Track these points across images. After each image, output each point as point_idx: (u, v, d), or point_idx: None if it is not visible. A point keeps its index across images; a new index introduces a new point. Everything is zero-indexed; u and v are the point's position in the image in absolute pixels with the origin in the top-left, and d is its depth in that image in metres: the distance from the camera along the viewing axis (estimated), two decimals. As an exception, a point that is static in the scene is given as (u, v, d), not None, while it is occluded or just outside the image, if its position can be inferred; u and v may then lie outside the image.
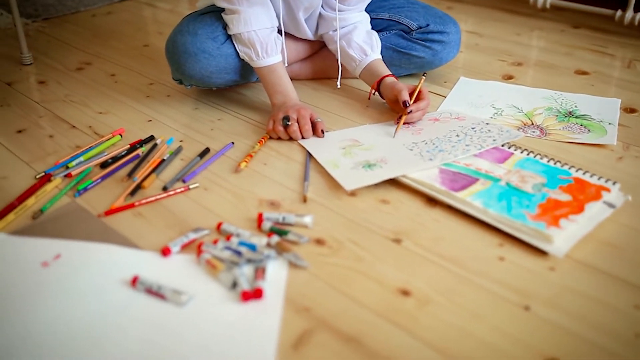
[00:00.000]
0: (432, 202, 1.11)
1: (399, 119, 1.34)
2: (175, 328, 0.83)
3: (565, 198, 1.07)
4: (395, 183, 1.16)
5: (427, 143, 1.27)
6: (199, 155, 1.28)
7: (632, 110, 1.47)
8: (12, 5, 1.86)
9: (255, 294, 0.88)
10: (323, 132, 1.33)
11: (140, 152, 1.31)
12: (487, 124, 1.34)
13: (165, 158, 1.27)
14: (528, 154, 1.22)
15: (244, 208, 1.11)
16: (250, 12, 1.36)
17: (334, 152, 1.27)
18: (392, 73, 1.45)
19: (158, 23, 2.39)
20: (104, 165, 1.25)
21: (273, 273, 0.93)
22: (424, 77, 1.40)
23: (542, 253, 0.97)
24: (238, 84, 1.57)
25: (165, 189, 1.16)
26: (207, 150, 1.31)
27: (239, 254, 0.96)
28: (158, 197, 1.13)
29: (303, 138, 1.33)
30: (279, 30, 1.44)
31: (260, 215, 1.05)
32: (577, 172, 1.15)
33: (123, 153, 1.30)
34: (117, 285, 0.91)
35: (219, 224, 1.04)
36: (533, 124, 1.39)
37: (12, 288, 0.90)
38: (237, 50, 1.42)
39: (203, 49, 1.40)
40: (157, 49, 2.00)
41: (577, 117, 1.43)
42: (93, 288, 0.90)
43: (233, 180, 1.20)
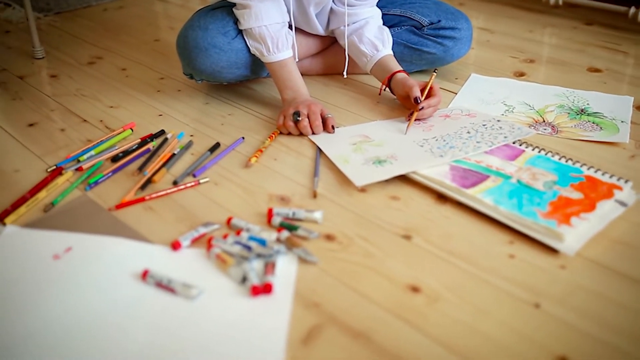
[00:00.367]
0: (442, 198, 1.11)
1: (411, 115, 1.34)
2: (185, 322, 0.84)
3: (577, 196, 1.06)
4: (406, 179, 1.15)
5: (437, 139, 1.27)
6: (210, 150, 1.28)
7: (644, 108, 1.46)
8: (24, 0, 1.86)
9: (265, 289, 0.88)
10: (333, 127, 1.33)
11: (151, 146, 1.31)
12: (498, 121, 1.34)
13: (176, 152, 1.27)
14: (539, 152, 1.21)
15: (254, 203, 1.11)
16: (261, 7, 1.35)
17: (345, 147, 1.27)
18: (403, 69, 1.44)
19: (169, 18, 2.39)
20: (115, 159, 1.26)
21: (283, 268, 0.93)
22: (435, 73, 1.40)
23: (552, 251, 0.96)
24: (249, 79, 1.57)
25: (176, 183, 1.16)
26: (217, 145, 1.31)
27: (249, 249, 0.96)
28: (168, 191, 1.14)
29: (313, 134, 1.33)
30: (290, 26, 1.44)
31: (270, 211, 1.05)
32: (588, 170, 1.14)
33: (134, 147, 1.30)
34: (127, 279, 0.91)
35: (229, 219, 1.04)
36: (544, 122, 1.39)
37: (23, 280, 0.90)
38: (247, 45, 1.42)
39: (214, 44, 1.40)
40: (168, 44, 2.01)
41: (589, 114, 1.42)
42: (104, 281, 0.91)
43: (243, 175, 1.20)
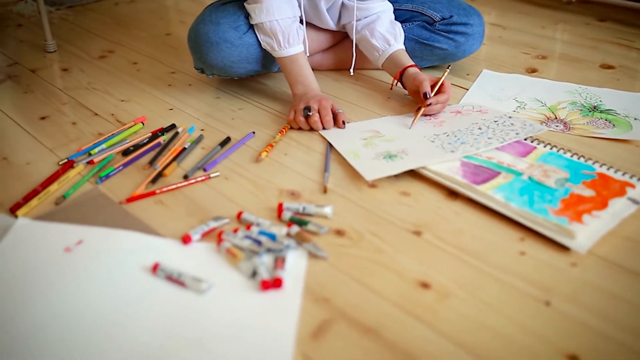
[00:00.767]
0: (453, 194, 1.10)
1: (417, 110, 1.34)
2: (195, 315, 0.84)
3: (589, 193, 1.06)
4: (416, 175, 1.15)
5: (448, 135, 1.26)
6: (220, 144, 1.28)
7: (658, 106, 1.44)
8: (36, -7, 1.87)
9: (275, 284, 0.88)
10: (344, 122, 1.33)
11: (162, 140, 1.31)
12: (509, 117, 1.33)
13: (187, 146, 1.27)
14: (551, 148, 1.20)
15: (264, 198, 1.11)
16: (272, 1, 1.35)
17: (355, 143, 1.27)
18: (415, 64, 1.44)
19: (180, 12, 2.39)
20: (126, 153, 1.26)
21: (293, 263, 0.93)
22: (448, 69, 1.39)
23: (563, 248, 0.96)
24: (259, 74, 1.57)
25: (186, 178, 1.17)
26: (228, 140, 1.31)
27: (259, 243, 0.96)
28: (179, 185, 1.14)
29: (324, 129, 1.33)
30: (301, 20, 1.44)
31: (281, 205, 1.05)
32: (601, 167, 1.14)
33: (145, 141, 1.30)
34: (138, 272, 0.91)
35: (239, 213, 1.04)
36: (556, 118, 1.38)
37: (35, 272, 0.91)
38: (259, 40, 1.42)
39: (225, 39, 1.40)
40: (179, 38, 2.01)
41: (601, 111, 1.41)
42: (114, 274, 0.91)
43: (253, 170, 1.20)
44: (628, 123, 1.35)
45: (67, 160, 1.23)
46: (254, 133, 1.34)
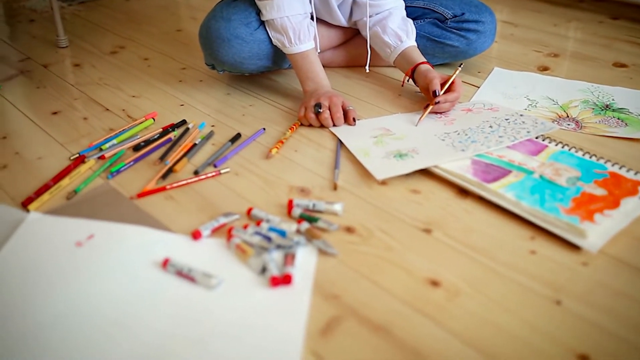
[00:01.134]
0: (463, 193, 1.10)
1: (426, 108, 1.33)
2: (204, 311, 0.84)
3: (600, 192, 1.05)
4: (427, 173, 1.15)
5: (459, 133, 1.26)
6: (230, 141, 1.29)
7: (671, 105, 1.43)
8: (49, -12, 1.88)
9: (285, 280, 0.88)
10: (355, 120, 1.33)
11: (172, 136, 1.32)
12: (521, 116, 1.32)
13: (197, 142, 1.27)
14: (563, 147, 1.20)
15: (274, 194, 1.11)
16: (284, -2, 1.35)
17: (365, 140, 1.26)
18: (427, 61, 1.43)
19: (191, 8, 2.40)
20: (137, 148, 1.26)
21: (302, 259, 0.93)
22: (460, 67, 1.38)
23: (574, 247, 0.95)
24: (270, 70, 1.57)
25: (197, 173, 1.17)
26: (238, 136, 1.31)
27: (269, 240, 0.96)
28: (189, 181, 1.14)
29: (334, 126, 1.33)
30: (312, 17, 1.44)
31: (291, 202, 1.05)
32: (613, 166, 1.13)
33: (155, 136, 1.31)
34: (148, 267, 0.92)
35: (249, 209, 1.04)
36: (568, 117, 1.37)
37: (46, 266, 0.92)
38: (269, 37, 1.42)
39: (236, 35, 1.40)
40: (190, 34, 2.01)
41: (614, 110, 1.40)
42: (125, 269, 0.92)
43: (264, 166, 1.20)
44: (641, 122, 1.34)
45: (78, 155, 1.24)
46: (265, 129, 1.34)
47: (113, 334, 0.80)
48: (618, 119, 1.35)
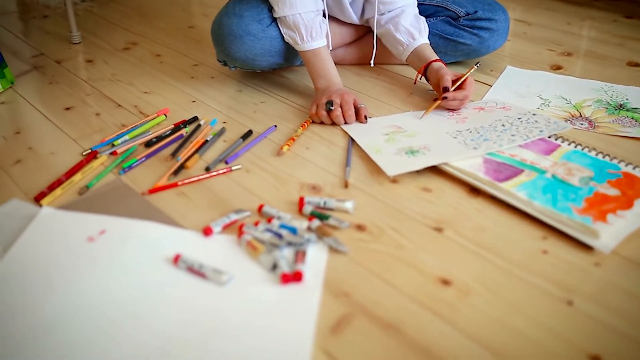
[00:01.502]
0: (474, 191, 1.09)
1: (434, 102, 1.33)
2: (215, 307, 0.84)
3: (614, 193, 1.04)
4: (438, 171, 1.14)
5: (471, 132, 1.25)
6: (242, 137, 1.29)
7: (686, 105, 1.42)
8: (62, -16, 1.89)
9: (295, 277, 0.88)
10: (366, 117, 1.32)
11: (184, 132, 1.32)
12: (533, 115, 1.31)
13: (209, 139, 1.28)
14: (575, 147, 1.19)
15: (286, 191, 1.11)
16: (296, -6, 1.35)
17: (377, 138, 1.26)
18: (439, 58, 1.43)
19: (203, 5, 2.40)
20: (149, 144, 1.27)
21: (313, 257, 0.93)
22: (476, 66, 1.37)
23: (586, 248, 0.94)
24: (282, 67, 1.57)
25: (208, 170, 1.17)
26: (249, 133, 1.31)
27: (280, 237, 0.96)
28: (200, 177, 1.15)
29: (346, 123, 1.33)
30: (324, 14, 1.44)
31: (302, 199, 1.05)
32: (626, 166, 1.12)
33: (167, 133, 1.31)
34: (159, 262, 0.92)
35: (260, 206, 1.04)
36: (581, 116, 1.36)
37: (58, 260, 0.92)
38: (282, 33, 1.42)
39: (248, 32, 1.40)
40: (202, 31, 2.02)
41: (628, 110, 1.39)
42: (136, 264, 0.92)
43: (275, 163, 1.20)
44: (655, 122, 1.33)
45: (90, 151, 1.25)
46: (276, 126, 1.34)
47: (122, 329, 0.80)
48: (632, 119, 1.34)
